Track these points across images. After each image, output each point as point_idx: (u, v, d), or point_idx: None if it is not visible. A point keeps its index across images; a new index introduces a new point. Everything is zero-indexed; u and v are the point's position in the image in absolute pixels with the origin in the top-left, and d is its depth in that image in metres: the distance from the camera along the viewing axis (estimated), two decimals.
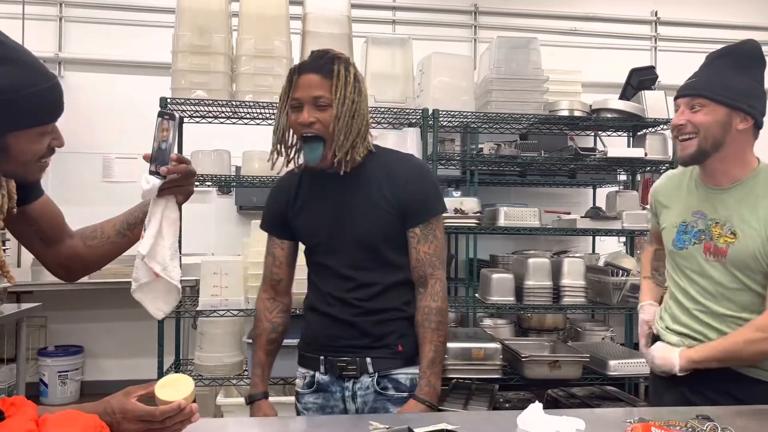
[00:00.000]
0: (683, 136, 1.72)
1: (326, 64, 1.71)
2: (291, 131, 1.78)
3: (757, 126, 1.71)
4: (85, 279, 4.59)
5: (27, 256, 4.91)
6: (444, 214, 2.06)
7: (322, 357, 1.78)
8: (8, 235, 3.45)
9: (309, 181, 1.83)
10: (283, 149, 1.81)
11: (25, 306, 3.60)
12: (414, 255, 1.77)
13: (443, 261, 1.82)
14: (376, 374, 1.74)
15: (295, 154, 1.82)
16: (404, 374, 1.75)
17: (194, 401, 1.23)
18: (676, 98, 1.79)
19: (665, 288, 1.97)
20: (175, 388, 1.19)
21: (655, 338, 1.92)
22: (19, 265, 4.84)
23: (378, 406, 1.71)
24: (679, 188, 1.87)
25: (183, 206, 3.39)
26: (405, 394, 1.73)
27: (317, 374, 1.78)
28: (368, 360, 1.73)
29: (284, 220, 1.86)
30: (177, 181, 1.49)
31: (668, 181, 1.94)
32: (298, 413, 1.82)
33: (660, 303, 1.99)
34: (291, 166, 1.85)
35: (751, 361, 1.71)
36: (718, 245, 1.72)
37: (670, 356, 1.76)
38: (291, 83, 1.73)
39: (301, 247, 1.91)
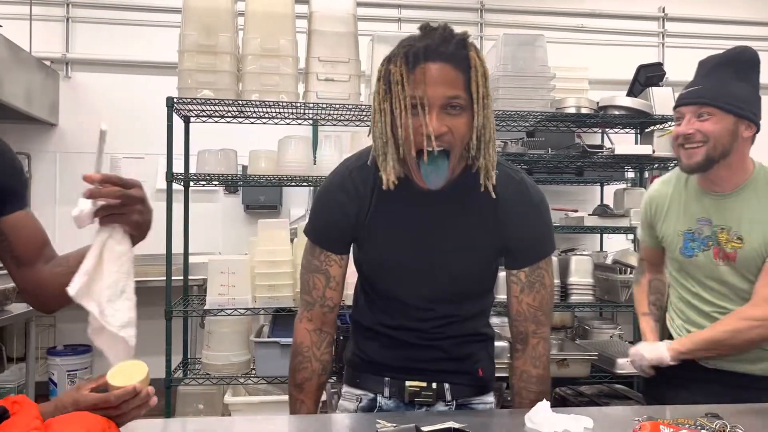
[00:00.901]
0: (691, 145, 1.72)
1: (459, 50, 1.29)
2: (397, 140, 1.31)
3: (757, 131, 1.75)
4: None
5: None
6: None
7: (387, 378, 1.50)
8: None
9: (389, 190, 1.34)
10: (391, 164, 1.32)
11: None
12: (515, 306, 1.48)
13: (550, 313, 1.54)
14: (454, 402, 1.52)
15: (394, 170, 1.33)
16: (482, 403, 1.57)
17: (150, 385, 1.19)
18: (678, 106, 1.78)
19: (662, 321, 2.01)
20: (128, 375, 1.16)
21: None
22: None
23: None
24: (678, 194, 1.87)
25: (190, 205, 3.33)
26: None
27: (379, 397, 1.50)
28: (446, 386, 1.49)
29: (347, 231, 1.46)
30: (115, 208, 1.22)
31: (663, 188, 1.91)
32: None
33: (661, 340, 1.96)
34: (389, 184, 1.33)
35: (738, 350, 1.75)
36: (726, 251, 1.75)
37: (659, 349, 1.80)
38: (407, 73, 1.26)
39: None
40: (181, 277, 3.47)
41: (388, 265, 1.46)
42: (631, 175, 4.79)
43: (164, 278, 3.17)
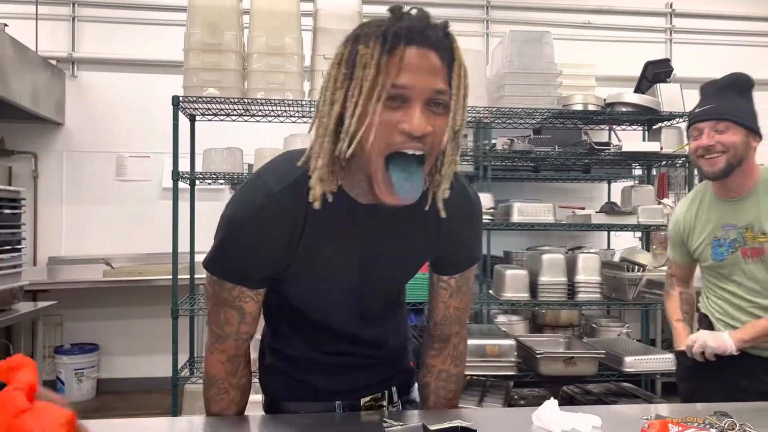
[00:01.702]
0: (711, 155, 1.95)
1: (444, 38, 1.09)
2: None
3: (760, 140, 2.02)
4: (99, 277, 4.64)
5: (43, 255, 4.96)
6: None
7: (338, 402, 1.41)
8: (24, 233, 3.48)
9: (323, 208, 1.11)
10: (327, 172, 1.10)
11: (41, 304, 3.63)
12: (442, 310, 1.40)
13: (468, 314, 1.48)
14: (399, 401, 1.47)
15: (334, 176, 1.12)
16: (415, 391, 1.54)
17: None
18: (693, 123, 2.02)
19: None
20: None
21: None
22: (35, 264, 4.89)
23: None
24: (698, 210, 2.11)
25: (196, 204, 3.36)
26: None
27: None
28: (393, 389, 1.45)
29: (270, 266, 1.21)
30: None
31: (688, 208, 2.15)
32: None
33: None
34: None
35: None
36: (755, 246, 1.97)
37: (723, 339, 1.97)
38: (385, 56, 1.02)
39: None
40: (188, 276, 3.47)
41: (321, 294, 1.29)
42: (638, 172, 4.76)
43: (171, 277, 3.17)
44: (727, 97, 1.97)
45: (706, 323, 2.15)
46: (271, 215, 1.14)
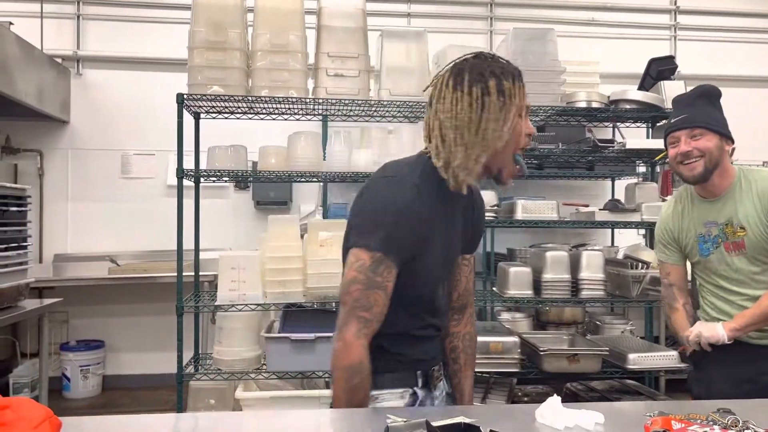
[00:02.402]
0: (689, 161, 2.09)
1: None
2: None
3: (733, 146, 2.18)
4: (104, 274, 4.66)
5: (48, 252, 4.99)
6: None
7: (418, 371, 1.61)
8: (30, 230, 3.51)
9: (428, 194, 1.46)
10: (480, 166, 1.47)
11: (47, 301, 3.65)
12: (464, 283, 1.72)
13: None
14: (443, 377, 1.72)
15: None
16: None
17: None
18: (670, 132, 2.16)
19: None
20: None
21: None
22: (41, 261, 4.92)
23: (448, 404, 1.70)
24: (683, 209, 2.25)
25: (201, 201, 3.37)
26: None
27: (416, 389, 1.61)
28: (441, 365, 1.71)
29: (422, 241, 1.48)
30: None
31: (673, 208, 2.29)
32: None
33: None
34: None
35: None
36: (736, 240, 2.12)
37: (716, 329, 2.09)
38: (518, 88, 1.48)
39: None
40: (192, 273, 3.49)
41: (428, 269, 1.53)
42: (642, 169, 4.76)
43: (175, 274, 3.19)
44: (699, 106, 2.13)
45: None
46: (423, 199, 1.45)
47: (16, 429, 1.21)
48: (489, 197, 3.43)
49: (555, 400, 1.60)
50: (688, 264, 2.35)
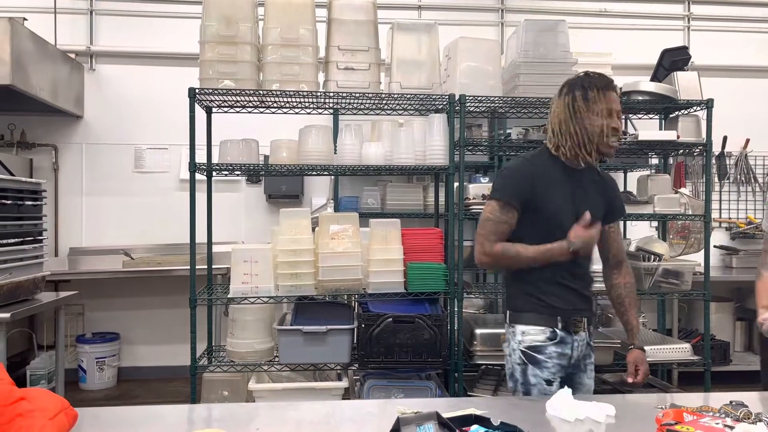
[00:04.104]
0: None
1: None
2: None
3: None
4: (119, 267, 4.70)
5: (64, 246, 5.04)
6: None
7: (558, 317, 2.14)
8: (46, 224, 3.55)
9: (552, 170, 2.16)
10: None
11: (63, 294, 3.70)
12: (615, 245, 2.31)
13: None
14: (587, 332, 2.22)
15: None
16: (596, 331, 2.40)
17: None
18: None
19: None
20: None
21: None
22: (56, 255, 4.97)
23: (587, 353, 2.21)
24: None
25: (213, 195, 3.47)
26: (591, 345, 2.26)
27: (557, 330, 2.14)
28: (585, 320, 2.20)
29: (530, 197, 2.12)
30: None
31: None
32: (538, 363, 2.11)
33: None
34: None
35: None
36: None
37: None
38: (603, 96, 2.13)
39: None
40: (205, 266, 3.52)
41: (561, 215, 2.12)
42: (655, 161, 4.72)
43: (189, 267, 3.21)
44: None
45: None
46: (535, 168, 2.17)
47: (34, 419, 1.23)
48: None
49: (566, 392, 1.61)
50: None
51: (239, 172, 3.51)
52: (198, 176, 3.18)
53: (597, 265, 2.30)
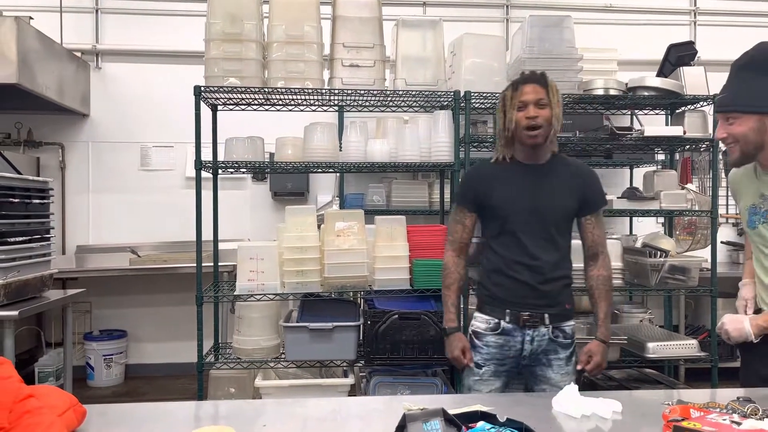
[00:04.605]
0: (728, 144, 1.95)
1: (541, 79, 2.24)
2: None
3: None
4: (125, 265, 4.72)
5: (71, 244, 5.07)
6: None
7: (507, 310, 2.22)
8: (53, 222, 3.56)
9: (505, 169, 2.27)
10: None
11: (70, 292, 3.72)
12: (590, 237, 2.31)
13: (605, 241, 2.38)
14: (551, 326, 2.22)
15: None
16: (568, 326, 2.27)
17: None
18: (715, 113, 2.04)
19: None
20: None
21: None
22: (63, 253, 5.00)
23: (550, 349, 2.22)
24: (748, 175, 2.07)
25: (219, 193, 3.52)
26: (569, 341, 2.26)
27: (502, 322, 2.22)
28: (546, 315, 2.21)
29: (479, 197, 2.27)
30: None
31: (741, 171, 2.10)
32: (475, 347, 2.27)
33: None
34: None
35: None
36: None
37: (742, 326, 1.96)
38: (513, 92, 2.23)
39: None
40: (212, 264, 3.53)
41: (509, 210, 2.23)
42: (661, 157, 4.71)
43: (195, 264, 3.22)
44: (741, 80, 1.91)
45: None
46: (481, 171, 2.34)
47: (42, 416, 1.24)
48: None
49: (572, 388, 1.61)
50: None
51: (245, 170, 3.51)
52: (204, 174, 3.19)
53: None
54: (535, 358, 2.23)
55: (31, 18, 4.33)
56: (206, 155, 3.23)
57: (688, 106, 3.84)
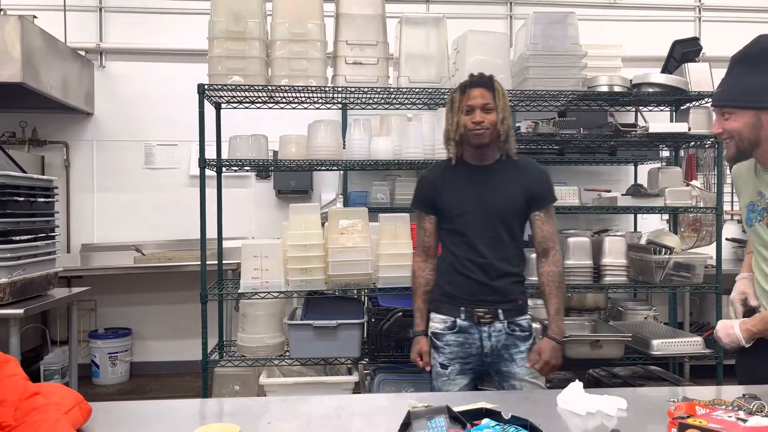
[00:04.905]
0: (724, 140, 1.91)
1: (487, 82, 2.26)
2: None
3: None
4: (130, 263, 4.73)
5: (76, 242, 5.08)
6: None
7: (462, 308, 2.26)
8: (58, 221, 3.57)
9: (453, 171, 2.32)
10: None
11: (75, 290, 3.73)
12: (539, 233, 2.32)
13: (558, 238, 2.38)
14: (506, 321, 2.25)
15: None
16: (524, 320, 2.29)
17: None
18: (711, 107, 1.99)
19: None
20: None
21: (751, 313, 2.00)
22: (68, 251, 5.01)
23: (509, 343, 2.25)
24: (749, 172, 2.01)
25: (223, 191, 3.57)
26: (527, 333, 2.27)
27: (458, 320, 2.26)
28: (500, 311, 2.24)
29: (432, 199, 2.33)
30: None
31: (742, 164, 2.05)
32: (437, 348, 2.30)
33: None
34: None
35: None
36: None
37: (733, 332, 1.89)
38: (459, 96, 2.28)
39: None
40: (216, 262, 3.53)
41: (458, 210, 2.29)
42: (666, 153, 4.69)
43: (199, 263, 3.23)
44: (737, 74, 1.86)
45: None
46: (429, 176, 2.40)
47: (48, 414, 1.24)
48: None
49: (576, 385, 1.60)
50: None
51: (248, 168, 3.52)
52: (208, 172, 3.19)
53: (608, 258, 2.31)
54: (497, 354, 2.26)
55: (35, 17, 4.33)
56: (210, 153, 3.24)
57: (693, 103, 3.82)
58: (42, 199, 3.36)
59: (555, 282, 2.30)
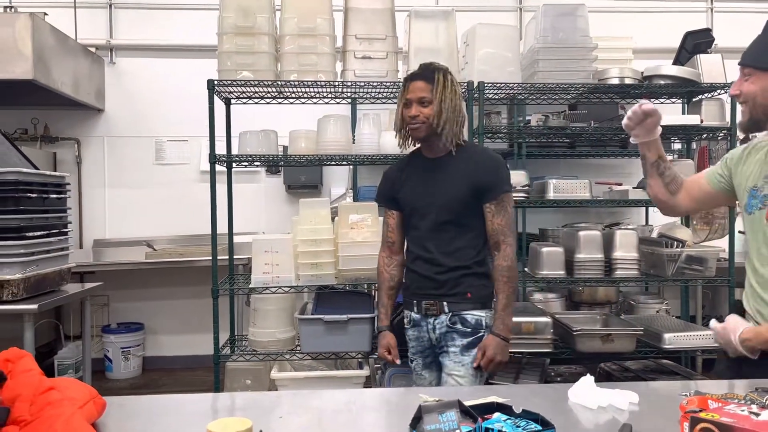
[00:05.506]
0: (740, 104, 1.76)
1: (428, 74, 2.23)
2: None
3: None
4: (142, 258, 4.76)
5: (88, 238, 5.12)
6: (512, 193, 2.40)
7: (414, 301, 2.31)
8: (70, 217, 3.60)
9: (412, 165, 2.35)
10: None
11: (88, 285, 3.75)
12: (489, 226, 2.25)
13: (513, 231, 2.29)
14: (450, 313, 2.24)
15: None
16: (471, 315, 2.24)
17: None
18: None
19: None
20: (230, 429, 1.18)
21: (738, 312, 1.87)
22: (81, 247, 5.05)
23: (447, 335, 2.24)
24: (757, 152, 1.83)
25: (233, 186, 3.62)
26: (469, 329, 2.22)
27: (411, 313, 2.33)
28: (444, 303, 2.24)
29: (392, 194, 2.36)
30: None
31: (746, 146, 1.90)
32: (406, 344, 2.39)
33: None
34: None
35: None
36: None
37: (734, 346, 1.73)
38: (404, 89, 2.28)
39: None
40: (227, 257, 3.55)
41: (411, 205, 2.32)
42: (678, 146, 4.66)
43: (210, 258, 3.25)
44: (764, 35, 1.71)
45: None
46: (390, 172, 2.44)
47: (63, 408, 1.25)
48: (520, 177, 3.40)
49: (588, 379, 1.60)
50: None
51: (258, 163, 3.52)
52: (218, 167, 3.20)
53: (619, 251, 2.28)
54: (440, 347, 2.28)
55: (45, 14, 4.36)
56: (220, 149, 3.25)
57: (705, 95, 3.79)
58: (54, 196, 3.38)
59: (504, 276, 2.23)
